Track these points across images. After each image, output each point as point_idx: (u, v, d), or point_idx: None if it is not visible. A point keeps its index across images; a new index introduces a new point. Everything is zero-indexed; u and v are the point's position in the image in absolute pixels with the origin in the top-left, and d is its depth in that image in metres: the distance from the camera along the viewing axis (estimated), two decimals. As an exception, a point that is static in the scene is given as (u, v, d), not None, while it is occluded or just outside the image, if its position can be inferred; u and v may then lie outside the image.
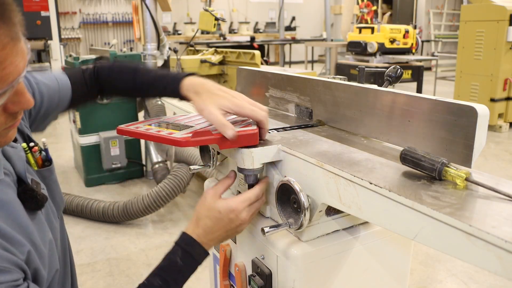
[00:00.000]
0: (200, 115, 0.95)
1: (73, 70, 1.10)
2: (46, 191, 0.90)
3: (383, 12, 11.30)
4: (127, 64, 1.11)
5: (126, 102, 3.88)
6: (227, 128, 0.89)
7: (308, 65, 10.26)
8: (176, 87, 0.98)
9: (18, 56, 0.67)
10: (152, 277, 0.89)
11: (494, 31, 5.45)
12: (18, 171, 0.83)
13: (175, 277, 0.90)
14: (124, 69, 1.09)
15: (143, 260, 2.63)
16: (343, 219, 1.02)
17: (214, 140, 0.90)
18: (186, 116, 1.13)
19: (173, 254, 0.92)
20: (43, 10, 6.36)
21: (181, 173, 3.02)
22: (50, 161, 0.96)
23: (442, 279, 2.46)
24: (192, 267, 0.92)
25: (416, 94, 0.89)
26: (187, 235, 0.94)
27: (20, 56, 0.68)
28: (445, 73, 11.53)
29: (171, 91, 1.00)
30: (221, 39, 10.00)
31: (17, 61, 0.67)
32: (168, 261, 0.91)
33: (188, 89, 0.97)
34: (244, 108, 0.94)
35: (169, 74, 1.03)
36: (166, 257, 0.92)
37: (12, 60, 0.66)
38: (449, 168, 0.73)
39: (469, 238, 0.58)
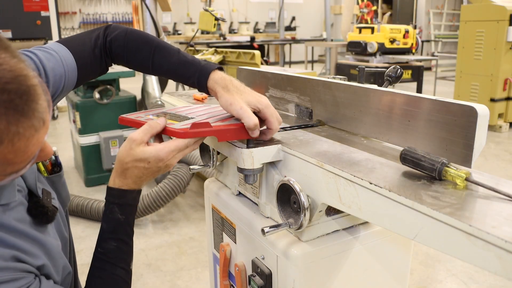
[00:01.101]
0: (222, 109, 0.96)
1: (81, 45, 1.00)
2: (56, 198, 0.92)
3: (383, 12, 11.30)
4: (144, 38, 1.02)
5: (126, 102, 3.89)
6: (257, 127, 0.91)
7: (308, 65, 10.26)
8: (204, 79, 0.96)
9: (41, 135, 0.67)
10: (104, 243, 0.91)
11: (494, 31, 5.45)
12: (29, 184, 0.84)
13: (125, 232, 0.93)
14: (141, 46, 1.01)
15: (143, 260, 2.63)
16: (343, 219, 1.02)
17: (213, 132, 0.90)
18: (188, 107, 1.13)
19: (111, 213, 0.91)
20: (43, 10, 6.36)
21: (181, 173, 3.02)
22: (60, 166, 0.96)
23: (442, 279, 2.46)
24: (133, 212, 0.94)
25: (416, 94, 0.89)
26: (118, 190, 0.90)
27: (43, 133, 0.67)
28: (445, 73, 11.53)
29: (197, 81, 0.98)
30: (221, 39, 9.99)
31: (40, 139, 0.67)
32: (111, 222, 0.91)
33: (216, 83, 0.96)
34: (269, 109, 0.94)
35: (195, 63, 0.99)
36: (106, 218, 0.91)
37: (35, 142, 0.66)
38: (449, 168, 0.73)
39: (469, 238, 0.58)
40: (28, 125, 0.63)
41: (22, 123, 0.62)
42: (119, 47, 1.01)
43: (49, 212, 0.83)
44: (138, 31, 1.04)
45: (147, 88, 3.81)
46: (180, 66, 0.99)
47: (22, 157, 0.66)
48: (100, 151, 3.80)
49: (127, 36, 1.01)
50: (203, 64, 0.98)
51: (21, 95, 0.62)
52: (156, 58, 1.00)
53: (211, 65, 0.99)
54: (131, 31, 1.02)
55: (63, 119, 6.59)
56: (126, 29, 1.02)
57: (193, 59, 1.00)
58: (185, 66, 0.99)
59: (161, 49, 1.00)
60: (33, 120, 0.64)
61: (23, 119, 0.62)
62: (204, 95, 1.50)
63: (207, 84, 0.97)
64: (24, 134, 0.63)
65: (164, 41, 1.03)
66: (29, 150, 0.66)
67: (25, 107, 0.62)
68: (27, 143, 0.64)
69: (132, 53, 1.01)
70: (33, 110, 0.64)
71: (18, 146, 0.63)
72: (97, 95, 3.72)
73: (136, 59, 1.02)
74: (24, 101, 0.62)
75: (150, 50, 1.00)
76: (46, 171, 0.93)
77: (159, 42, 1.02)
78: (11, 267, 0.72)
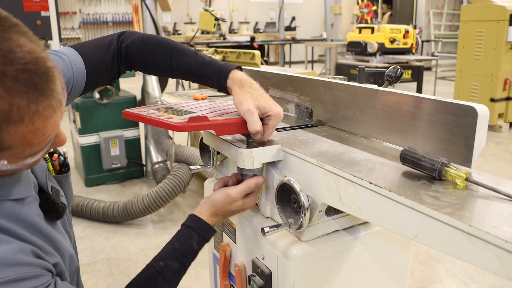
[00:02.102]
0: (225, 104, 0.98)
1: (93, 50, 1.01)
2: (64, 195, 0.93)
3: (383, 12, 11.31)
4: (161, 42, 1.03)
5: (126, 102, 3.89)
6: (259, 133, 0.93)
7: (308, 65, 10.25)
8: (223, 79, 0.98)
9: (58, 116, 0.69)
10: (170, 260, 0.95)
11: (494, 31, 5.45)
12: (40, 181, 0.86)
13: (190, 260, 0.98)
14: (158, 49, 1.02)
15: (143, 260, 2.63)
16: (343, 219, 1.02)
17: (210, 126, 0.91)
18: (191, 102, 1.14)
19: (189, 239, 0.97)
20: (43, 10, 6.36)
21: (181, 173, 3.02)
22: (68, 167, 0.98)
23: (442, 279, 2.46)
24: (202, 246, 1.00)
25: (416, 94, 0.89)
26: (205, 223, 0.99)
27: (59, 115, 0.70)
28: (445, 73, 11.53)
29: (216, 81, 0.99)
30: (221, 39, 9.99)
31: (57, 121, 0.69)
32: (186, 246, 0.97)
33: (234, 82, 0.97)
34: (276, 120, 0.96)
35: (213, 63, 1.00)
36: (181, 241, 0.97)
37: (52, 124, 0.68)
38: (449, 168, 0.73)
39: (469, 238, 0.58)
40: (47, 104, 0.65)
41: (41, 102, 0.64)
42: (136, 52, 1.02)
43: (59, 209, 0.85)
44: (154, 35, 1.05)
45: (147, 88, 3.81)
46: (199, 67, 1.00)
47: (41, 138, 0.67)
48: (100, 151, 3.80)
49: (143, 42, 1.02)
50: (222, 65, 1.00)
51: (41, 75, 0.64)
52: (174, 61, 1.01)
53: (230, 65, 1.00)
54: (147, 36, 1.04)
55: (63, 119, 6.57)
56: (142, 34, 1.04)
57: (211, 60, 1.01)
58: (204, 67, 1.00)
59: (178, 51, 1.02)
60: (51, 100, 0.66)
61: (42, 98, 0.64)
62: (204, 94, 1.50)
63: (226, 84, 0.98)
64: (43, 114, 0.65)
65: (180, 43, 1.04)
66: (47, 132, 0.68)
67: (44, 86, 0.64)
68: (46, 123, 0.66)
69: (149, 57, 1.02)
70: (51, 90, 0.66)
71: (38, 125, 0.65)
72: (97, 95, 3.72)
73: (154, 63, 1.03)
74: (43, 80, 0.64)
75: (167, 53, 1.01)
76: (54, 171, 0.95)
77: (176, 45, 1.03)
78: (33, 263, 0.73)
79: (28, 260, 0.72)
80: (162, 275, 0.94)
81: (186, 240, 0.97)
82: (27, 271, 0.71)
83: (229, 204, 0.99)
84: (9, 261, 0.69)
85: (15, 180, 0.77)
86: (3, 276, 0.68)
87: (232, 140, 1.01)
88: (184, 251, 0.97)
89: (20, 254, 0.72)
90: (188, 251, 0.97)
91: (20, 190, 0.77)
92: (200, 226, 0.99)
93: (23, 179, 0.79)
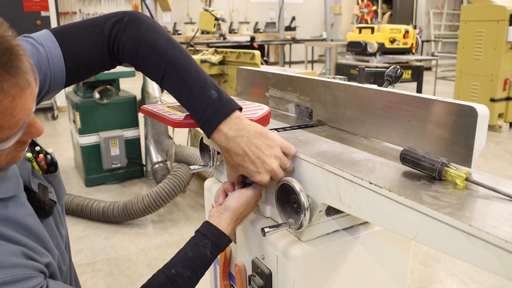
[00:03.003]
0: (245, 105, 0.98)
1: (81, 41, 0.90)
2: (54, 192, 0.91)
3: (383, 12, 11.31)
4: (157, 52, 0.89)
5: (126, 102, 3.89)
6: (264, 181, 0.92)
7: (308, 65, 10.26)
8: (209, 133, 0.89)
9: (28, 99, 0.66)
10: (181, 268, 0.91)
11: (494, 31, 5.45)
12: (23, 180, 0.83)
13: (203, 268, 0.95)
14: (152, 62, 0.90)
15: (143, 260, 2.63)
16: (343, 219, 1.02)
17: None
18: None
19: (203, 247, 0.94)
20: (43, 10, 6.36)
21: (181, 173, 3.02)
22: (56, 166, 0.95)
23: (442, 279, 2.46)
24: (216, 256, 0.97)
25: (416, 94, 0.89)
26: (220, 231, 0.96)
27: (30, 98, 0.67)
28: (445, 73, 11.53)
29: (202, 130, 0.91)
30: (221, 39, 9.99)
31: (27, 105, 0.66)
32: (199, 254, 0.93)
33: (219, 143, 0.89)
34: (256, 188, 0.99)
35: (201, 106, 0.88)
36: (194, 248, 0.94)
37: (21, 106, 0.65)
38: (449, 168, 0.73)
39: (469, 238, 0.58)
40: (13, 82, 0.62)
41: (5, 78, 0.62)
42: (128, 57, 0.93)
43: (46, 206, 0.83)
44: (152, 39, 0.90)
45: (147, 88, 3.81)
46: (187, 107, 0.91)
47: (10, 121, 0.64)
48: (100, 151, 3.80)
49: (138, 44, 0.89)
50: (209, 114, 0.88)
51: (4, 50, 0.61)
52: (164, 84, 0.92)
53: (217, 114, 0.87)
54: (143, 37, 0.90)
55: (63, 119, 6.59)
56: (138, 33, 0.90)
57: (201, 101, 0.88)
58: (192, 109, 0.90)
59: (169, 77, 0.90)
60: (18, 78, 0.63)
61: (6, 75, 0.62)
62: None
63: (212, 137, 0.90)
64: (9, 92, 0.62)
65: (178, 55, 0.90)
66: (16, 114, 0.64)
67: (8, 62, 0.62)
68: (13, 104, 0.63)
69: (141, 65, 0.92)
70: (17, 68, 0.63)
71: (4, 105, 0.62)
72: (97, 95, 3.72)
73: (145, 72, 0.94)
74: (6, 57, 0.62)
75: (159, 71, 0.90)
76: (41, 170, 0.92)
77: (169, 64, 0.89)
78: (23, 264, 0.71)
79: (19, 262, 0.70)
80: (173, 283, 0.90)
81: (199, 248, 0.94)
82: (18, 273, 0.69)
83: (250, 205, 0.99)
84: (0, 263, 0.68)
85: (2, 178, 0.75)
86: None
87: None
88: (196, 259, 0.93)
89: (10, 256, 0.70)
90: (201, 259, 0.93)
91: (8, 188, 0.75)
92: (214, 234, 0.95)
93: (10, 176, 0.77)
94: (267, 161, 0.89)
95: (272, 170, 0.90)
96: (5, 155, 0.71)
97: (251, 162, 0.89)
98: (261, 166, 0.90)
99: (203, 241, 0.94)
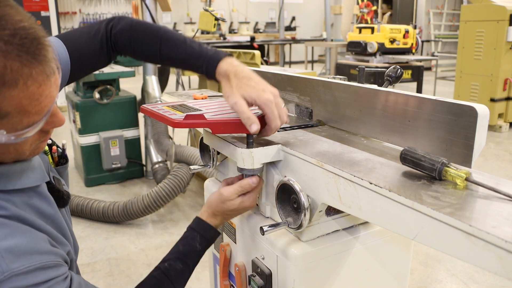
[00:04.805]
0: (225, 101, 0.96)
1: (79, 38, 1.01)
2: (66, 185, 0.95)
3: (383, 12, 11.31)
4: (150, 29, 1.02)
5: (126, 102, 3.88)
6: (251, 122, 0.89)
7: (308, 65, 10.25)
8: (212, 71, 0.97)
9: (53, 87, 0.70)
10: (173, 261, 0.98)
11: (494, 31, 5.45)
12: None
13: (194, 260, 1.01)
14: (148, 38, 1.01)
15: (143, 260, 2.63)
16: (343, 219, 1.02)
17: (205, 125, 0.93)
18: (204, 101, 1.16)
19: (192, 240, 1.00)
20: (43, 10, 6.36)
21: (181, 173, 3.02)
22: (66, 158, 1.00)
23: (442, 279, 2.46)
24: (207, 247, 1.03)
25: (416, 94, 0.89)
26: (207, 224, 1.02)
27: (54, 87, 0.70)
28: (445, 73, 11.53)
29: (205, 73, 0.99)
30: (221, 39, 9.98)
31: (52, 92, 0.70)
32: (189, 247, 1.00)
33: (220, 74, 0.96)
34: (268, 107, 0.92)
35: (202, 53, 0.98)
36: (185, 242, 1.01)
37: (47, 94, 0.69)
38: (449, 168, 0.73)
39: (469, 238, 0.58)
40: (40, 69, 0.66)
41: (34, 65, 0.65)
42: (125, 39, 1.02)
43: (65, 196, 0.87)
44: (143, 22, 1.05)
45: (147, 88, 3.81)
46: (188, 57, 1.00)
47: (37, 107, 0.67)
48: (100, 151, 3.80)
49: (132, 28, 1.02)
50: (210, 55, 0.98)
51: (32, 40, 0.65)
52: (164, 49, 1.01)
53: (218, 54, 0.97)
54: (136, 22, 1.03)
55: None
56: (131, 21, 1.03)
57: (200, 50, 0.99)
58: (193, 57, 0.99)
59: (168, 40, 1.01)
60: (44, 65, 0.67)
61: (34, 62, 0.65)
62: (204, 94, 1.50)
63: (216, 77, 0.97)
64: (37, 79, 0.66)
65: (170, 29, 1.04)
66: (42, 101, 0.68)
67: (36, 51, 0.65)
68: (40, 91, 0.67)
69: (139, 45, 1.03)
70: (44, 56, 0.67)
71: (32, 90, 0.66)
72: (97, 95, 3.71)
73: (144, 51, 1.03)
74: (35, 45, 0.65)
75: (157, 41, 1.01)
76: (53, 162, 0.97)
77: (166, 33, 1.02)
78: (53, 251, 0.74)
79: (50, 249, 0.74)
80: (167, 276, 0.96)
81: (189, 241, 1.00)
82: (50, 260, 0.72)
83: (223, 203, 0.99)
84: (34, 249, 0.71)
85: (30, 167, 0.78)
86: (30, 264, 0.69)
87: (232, 140, 1.01)
88: (187, 252, 0.99)
89: (43, 242, 0.73)
90: (191, 251, 1.00)
91: (35, 177, 0.79)
92: (202, 227, 1.01)
93: (36, 167, 0.80)
94: (269, 87, 0.95)
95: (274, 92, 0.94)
96: (29, 144, 0.74)
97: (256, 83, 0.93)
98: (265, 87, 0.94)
99: (192, 234, 1.01)
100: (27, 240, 0.70)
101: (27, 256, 0.69)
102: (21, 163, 0.77)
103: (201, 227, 1.02)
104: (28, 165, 0.79)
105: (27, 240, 0.70)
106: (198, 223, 1.02)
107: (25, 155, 0.76)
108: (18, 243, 0.69)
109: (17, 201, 0.74)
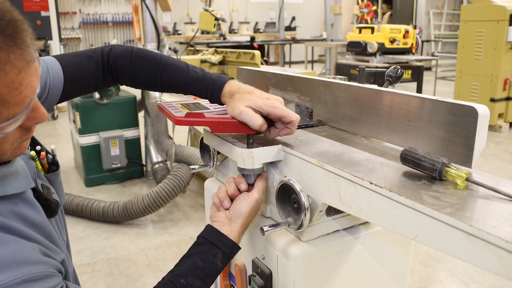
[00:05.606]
0: None
1: (76, 57, 1.00)
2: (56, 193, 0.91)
3: (383, 12, 11.30)
4: (151, 56, 1.02)
5: (126, 102, 3.88)
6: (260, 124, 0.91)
7: (308, 65, 10.25)
8: (217, 92, 0.98)
9: (33, 76, 0.66)
10: (191, 278, 0.89)
11: (494, 31, 5.45)
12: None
13: (213, 278, 0.93)
14: (148, 63, 1.01)
15: (143, 260, 2.63)
16: (343, 219, 1.02)
17: (205, 123, 0.94)
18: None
19: (213, 257, 0.92)
20: (43, 10, 6.36)
21: (181, 173, 3.02)
22: (57, 165, 0.95)
23: (442, 279, 2.46)
24: (226, 264, 0.95)
25: (416, 94, 0.89)
26: (230, 241, 0.94)
27: (35, 76, 0.66)
28: (445, 73, 11.53)
29: (210, 94, 0.99)
30: (221, 39, 9.99)
31: (32, 82, 0.65)
32: (209, 264, 0.91)
33: (225, 95, 0.97)
34: (277, 108, 0.92)
35: (206, 77, 0.99)
36: (205, 258, 0.91)
37: (27, 83, 0.64)
38: (449, 168, 0.73)
39: (469, 238, 0.58)
40: (19, 54, 0.62)
41: (12, 49, 0.61)
42: (125, 64, 1.01)
43: (53, 205, 0.82)
44: (143, 49, 1.04)
45: (147, 88, 3.81)
46: (191, 81, 1.00)
47: (17, 97, 0.63)
48: (100, 151, 3.80)
49: (133, 54, 1.01)
50: (214, 78, 0.99)
51: (8, 21, 0.61)
52: (165, 74, 1.00)
53: (222, 78, 0.99)
54: (136, 49, 1.02)
55: (63, 119, 6.59)
56: (131, 47, 1.03)
57: (203, 74, 1.00)
58: (197, 81, 1.00)
59: (170, 65, 1.01)
60: (23, 50, 0.63)
61: (12, 45, 0.61)
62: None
63: (220, 99, 0.98)
64: (16, 64, 0.61)
65: (171, 57, 1.04)
66: (22, 91, 0.63)
67: (14, 34, 0.61)
68: (20, 78, 0.62)
69: (139, 70, 1.01)
70: (22, 40, 0.63)
71: (11, 77, 0.61)
72: (97, 95, 3.72)
73: (144, 76, 1.02)
74: (11, 28, 0.61)
75: (158, 67, 1.00)
76: (43, 170, 0.92)
77: (167, 59, 1.02)
78: (45, 261, 0.70)
79: (41, 259, 0.69)
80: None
81: (209, 257, 0.91)
82: (40, 270, 0.68)
83: (256, 208, 0.99)
84: (21, 259, 0.66)
85: (13, 172, 0.74)
86: (17, 276, 0.64)
87: (232, 140, 1.01)
88: (206, 269, 0.90)
89: (33, 252, 0.68)
90: (212, 269, 0.91)
91: (18, 183, 0.74)
92: (224, 244, 0.93)
93: (20, 172, 0.76)
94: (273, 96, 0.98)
95: (279, 99, 0.96)
96: (10, 142, 0.69)
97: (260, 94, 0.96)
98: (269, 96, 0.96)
99: (213, 250, 0.92)
100: (11, 251, 0.66)
101: (13, 267, 0.64)
102: (2, 168, 0.72)
103: (224, 244, 0.93)
104: (11, 170, 0.74)
105: (12, 250, 0.66)
106: (221, 238, 0.93)
107: (6, 156, 0.71)
108: (2, 254, 0.65)
109: (1, 209, 0.70)
